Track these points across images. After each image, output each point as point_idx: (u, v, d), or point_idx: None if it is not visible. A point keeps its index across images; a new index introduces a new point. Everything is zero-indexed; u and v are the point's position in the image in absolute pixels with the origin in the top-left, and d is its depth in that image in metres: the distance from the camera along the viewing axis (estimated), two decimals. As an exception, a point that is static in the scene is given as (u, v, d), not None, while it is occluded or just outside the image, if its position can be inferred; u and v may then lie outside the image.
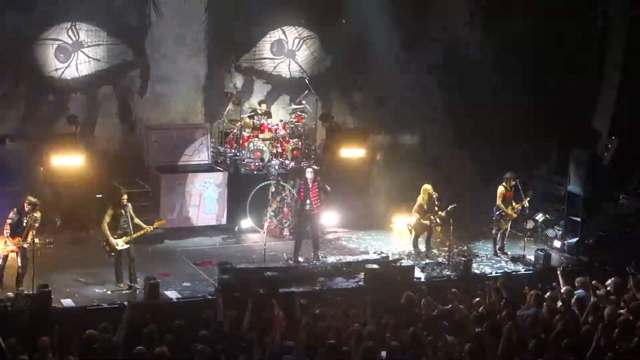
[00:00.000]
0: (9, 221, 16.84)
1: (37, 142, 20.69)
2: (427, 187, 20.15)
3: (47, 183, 20.00)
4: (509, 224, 20.70)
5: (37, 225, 16.88)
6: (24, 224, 16.78)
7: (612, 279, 16.41)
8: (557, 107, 23.64)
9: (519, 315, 14.92)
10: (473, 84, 24.10)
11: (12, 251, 16.91)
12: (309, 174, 19.50)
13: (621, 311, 14.87)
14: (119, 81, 22.82)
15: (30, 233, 16.78)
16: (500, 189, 20.45)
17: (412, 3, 24.10)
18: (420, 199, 20.15)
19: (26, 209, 16.80)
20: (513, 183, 20.41)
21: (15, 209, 16.95)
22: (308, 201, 19.36)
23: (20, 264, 16.90)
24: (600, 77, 22.06)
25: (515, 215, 20.65)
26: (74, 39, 22.07)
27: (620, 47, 20.94)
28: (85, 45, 22.21)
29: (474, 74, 23.84)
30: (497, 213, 20.56)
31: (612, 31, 21.77)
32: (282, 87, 24.48)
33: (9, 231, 16.77)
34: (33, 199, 16.99)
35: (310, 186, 19.39)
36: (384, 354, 12.86)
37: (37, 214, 16.88)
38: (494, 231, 20.88)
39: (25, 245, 16.78)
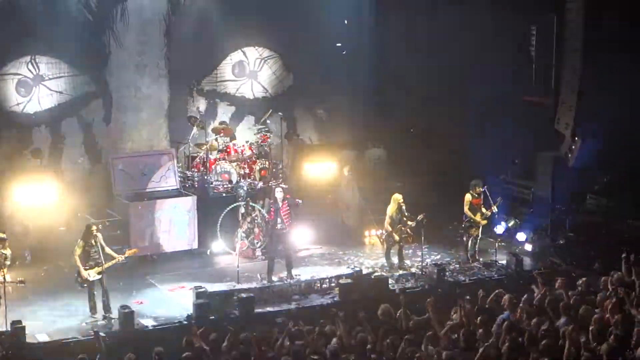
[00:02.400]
0: None
1: (2, 177, 20.58)
2: (397, 196, 20.18)
3: (15, 217, 19.86)
4: (479, 231, 20.80)
5: (7, 262, 16.73)
6: None
7: (583, 278, 16.54)
8: (519, 112, 23.81)
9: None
10: (438, 90, 24.26)
11: None
12: (278, 193, 19.54)
13: (596, 310, 14.98)
14: (82, 112, 22.78)
15: (1, 271, 16.62)
16: (467, 196, 20.55)
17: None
18: (390, 208, 20.18)
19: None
20: (479, 190, 20.52)
21: None
22: (279, 220, 19.38)
23: None
24: (559, 80, 22.24)
25: (484, 222, 20.75)
26: (34, 72, 22.05)
27: (578, 51, 21.15)
28: (47, 78, 22.20)
29: (439, 79, 24.02)
30: (466, 220, 20.67)
31: (569, 35, 21.95)
32: (246, 108, 24.55)
33: None
34: (1, 235, 16.87)
35: (280, 205, 19.41)
36: None
37: (7, 251, 16.75)
38: (464, 238, 20.98)
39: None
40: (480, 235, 20.91)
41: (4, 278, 16.54)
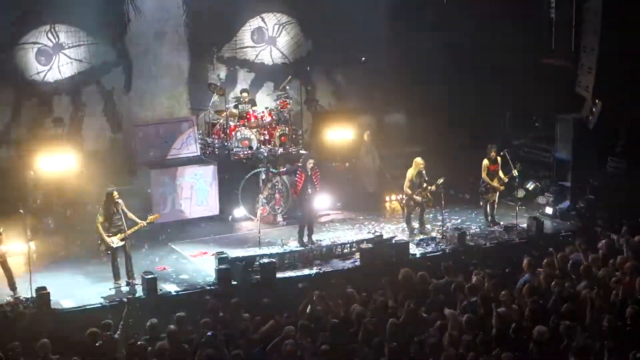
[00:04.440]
0: None
1: (24, 146, 20.73)
2: (419, 160, 20.09)
3: (38, 186, 20.01)
4: (496, 195, 20.77)
5: (1, 230, 16.82)
6: None
7: (604, 241, 16.55)
8: (539, 75, 23.69)
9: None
10: (457, 56, 24.14)
11: None
12: (310, 164, 19.52)
13: (616, 273, 15.01)
14: (103, 80, 22.84)
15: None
16: (485, 162, 20.50)
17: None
18: (410, 172, 20.15)
19: None
20: (493, 154, 20.47)
21: None
22: (309, 186, 19.41)
23: (5, 272, 16.92)
24: (579, 42, 22.08)
25: (501, 188, 20.72)
26: (54, 41, 22.10)
27: (598, 13, 20.96)
28: (66, 46, 22.24)
29: (458, 43, 23.89)
30: (483, 185, 20.64)
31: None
32: (266, 75, 24.54)
33: None
34: None
35: (311, 174, 19.43)
36: None
37: None
38: (481, 203, 20.98)
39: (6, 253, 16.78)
40: (497, 200, 20.90)
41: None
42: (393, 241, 19.35)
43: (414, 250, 19.27)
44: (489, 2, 23.88)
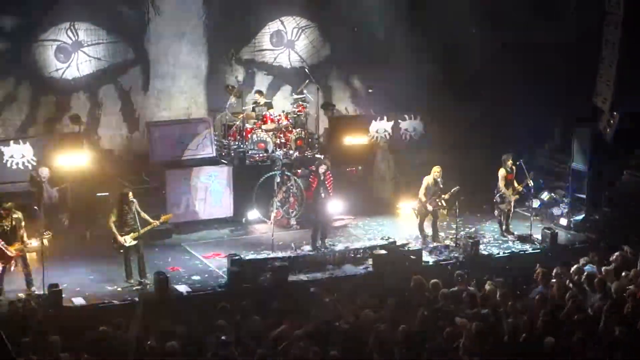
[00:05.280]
0: None
1: (41, 143, 20.79)
2: (436, 168, 20.04)
3: (53, 182, 20.05)
4: (512, 205, 20.71)
5: (22, 224, 16.85)
6: (8, 229, 16.66)
7: (617, 253, 16.48)
8: (558, 86, 23.61)
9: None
10: (473, 67, 24.08)
11: (13, 258, 16.87)
12: (322, 168, 19.54)
13: (630, 286, 14.94)
14: (121, 79, 22.90)
15: (21, 234, 16.80)
16: (502, 171, 20.44)
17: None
18: (426, 179, 20.08)
19: (3, 215, 16.71)
20: (510, 163, 20.41)
21: None
22: (322, 190, 19.44)
23: (23, 266, 16.93)
24: (599, 53, 22.02)
25: (515, 198, 20.65)
26: (73, 38, 22.17)
27: (618, 26, 20.93)
28: (85, 44, 22.31)
29: (474, 56, 23.83)
30: (498, 195, 20.57)
31: (609, 9, 21.74)
32: (283, 78, 24.57)
33: (2, 242, 16.73)
34: (6, 205, 16.87)
35: (323, 178, 19.46)
36: None
37: (16, 214, 16.81)
38: (496, 212, 20.92)
39: (30, 245, 16.84)
40: (512, 210, 20.84)
41: (23, 241, 16.71)
42: (406, 248, 19.31)
43: (427, 257, 19.22)
44: (509, 12, 23.79)
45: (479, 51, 23.60)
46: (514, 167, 20.54)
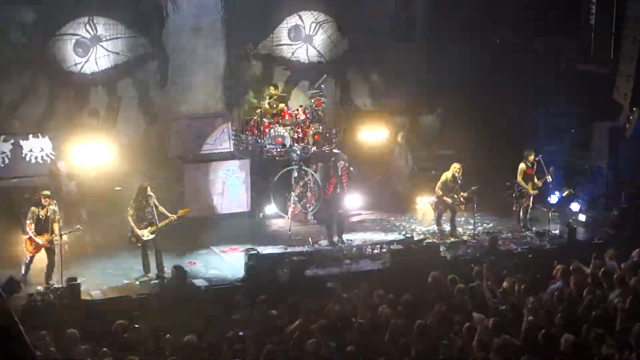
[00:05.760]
0: (28, 221, 16.91)
1: (60, 137, 20.86)
2: (456, 165, 19.99)
3: (72, 176, 20.11)
4: (530, 200, 20.64)
5: (57, 217, 16.97)
6: (44, 219, 16.87)
7: (637, 250, 16.36)
8: (578, 81, 23.50)
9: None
10: (493, 62, 24.02)
11: (41, 249, 16.98)
12: (340, 164, 19.57)
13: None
14: (139, 73, 22.95)
15: (55, 226, 16.90)
16: (522, 165, 20.40)
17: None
18: (445, 175, 20.03)
19: (44, 203, 16.86)
20: (532, 159, 20.34)
21: (32, 207, 17.02)
22: (338, 185, 19.47)
23: (49, 259, 17.04)
24: (618, 49, 21.88)
25: (535, 192, 20.58)
26: (92, 33, 22.22)
27: (639, 20, 20.76)
28: (104, 38, 22.36)
29: (494, 52, 23.77)
30: (518, 190, 20.52)
31: (630, 3, 21.58)
32: (301, 73, 24.54)
33: (33, 230, 16.88)
34: (47, 192, 17.10)
35: (340, 173, 19.48)
36: None
37: (54, 207, 16.96)
38: (514, 208, 20.85)
39: (56, 240, 16.88)
40: (531, 205, 20.76)
41: (60, 233, 16.81)
42: (424, 243, 19.28)
43: (445, 252, 19.18)
44: (528, 7, 23.70)
45: (498, 43, 23.57)
46: (534, 163, 20.46)
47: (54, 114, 22.02)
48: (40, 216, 16.83)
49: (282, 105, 22.65)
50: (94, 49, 22.31)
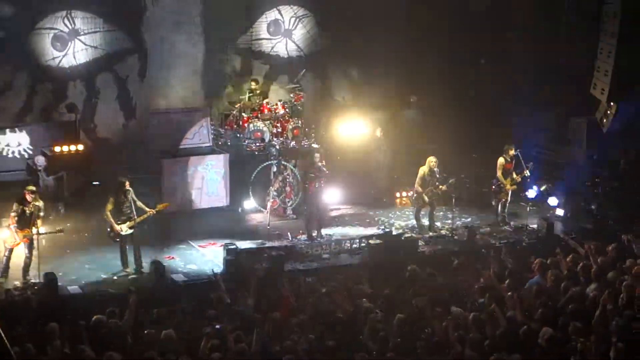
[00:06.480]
0: (12, 214, 16.82)
1: (38, 131, 20.77)
2: (432, 159, 20.06)
3: (50, 171, 20.02)
4: (509, 195, 20.71)
5: (41, 214, 16.92)
6: (28, 214, 16.80)
7: (614, 244, 16.45)
8: (556, 76, 23.60)
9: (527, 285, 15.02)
10: (471, 56, 24.09)
11: (19, 243, 16.92)
12: (317, 158, 19.59)
13: (624, 276, 14.91)
14: (117, 67, 22.86)
15: (38, 222, 16.82)
16: (500, 160, 20.47)
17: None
18: (422, 170, 20.10)
19: (28, 199, 16.81)
20: (512, 153, 20.42)
21: (16, 201, 16.95)
22: (317, 182, 19.52)
23: (27, 254, 16.94)
24: (596, 44, 21.99)
25: (513, 188, 20.65)
26: (70, 27, 22.14)
27: (617, 16, 20.86)
28: (82, 32, 22.28)
29: (473, 44, 23.84)
30: (496, 184, 20.60)
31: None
32: (280, 67, 24.52)
33: (15, 225, 16.79)
34: (33, 188, 17.04)
35: (318, 167, 19.53)
36: None
37: (39, 203, 16.91)
38: (493, 202, 20.93)
39: (35, 236, 16.81)
40: (509, 199, 20.83)
41: (38, 230, 16.74)
42: (402, 237, 19.32)
43: (423, 247, 19.22)
44: (509, 2, 23.81)
45: (478, 39, 23.65)
46: (513, 157, 20.52)
47: (32, 108, 21.92)
48: (26, 211, 16.75)
49: (263, 100, 22.63)
50: (72, 43, 22.23)
